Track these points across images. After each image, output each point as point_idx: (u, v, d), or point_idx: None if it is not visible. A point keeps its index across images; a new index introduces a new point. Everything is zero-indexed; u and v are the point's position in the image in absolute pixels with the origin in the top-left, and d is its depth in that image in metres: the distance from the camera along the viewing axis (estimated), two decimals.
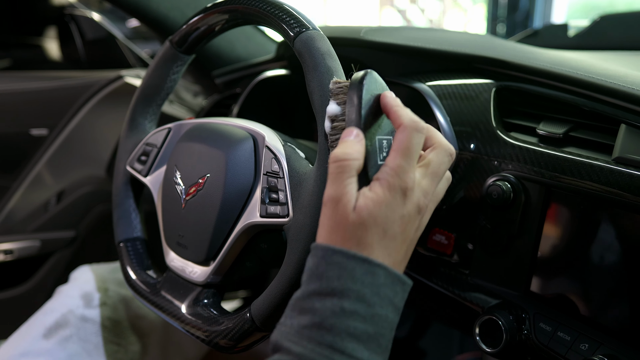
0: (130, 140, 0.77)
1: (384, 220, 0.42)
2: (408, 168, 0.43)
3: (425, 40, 0.79)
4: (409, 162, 0.43)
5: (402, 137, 0.43)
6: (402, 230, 0.43)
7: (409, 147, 0.43)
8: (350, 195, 0.42)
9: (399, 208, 0.42)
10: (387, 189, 0.42)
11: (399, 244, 0.43)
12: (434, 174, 0.46)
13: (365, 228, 0.41)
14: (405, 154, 0.43)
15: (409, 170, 0.43)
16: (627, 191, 0.55)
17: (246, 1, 0.62)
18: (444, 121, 0.70)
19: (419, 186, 0.44)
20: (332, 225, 0.42)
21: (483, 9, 4.20)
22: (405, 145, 0.43)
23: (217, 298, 0.66)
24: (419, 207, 0.44)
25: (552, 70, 0.66)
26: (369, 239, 0.42)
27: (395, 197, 0.42)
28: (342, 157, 0.43)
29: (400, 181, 0.42)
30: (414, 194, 0.43)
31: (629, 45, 1.08)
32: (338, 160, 0.43)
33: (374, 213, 0.41)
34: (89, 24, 1.42)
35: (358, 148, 0.43)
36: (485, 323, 0.62)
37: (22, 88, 1.21)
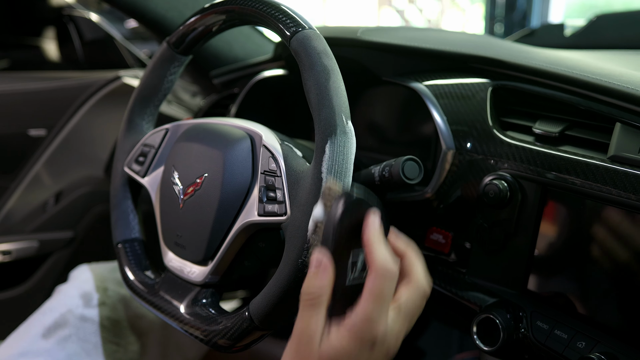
0: (127, 141, 0.77)
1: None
2: (378, 316, 0.41)
3: (422, 40, 0.79)
4: (380, 310, 0.41)
5: (373, 283, 0.41)
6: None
7: (379, 294, 0.41)
8: (314, 333, 0.41)
9: (364, 358, 0.41)
10: (354, 340, 0.40)
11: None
12: (407, 315, 0.44)
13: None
14: (376, 301, 0.41)
15: (379, 318, 0.41)
16: (622, 189, 0.55)
17: (243, 2, 0.62)
18: (440, 120, 0.70)
19: (391, 330, 0.42)
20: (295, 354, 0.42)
21: (481, 8, 4.20)
22: (376, 292, 0.41)
23: (215, 298, 0.66)
24: (388, 352, 0.42)
25: (548, 69, 0.66)
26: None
27: (362, 347, 0.40)
28: (308, 294, 0.42)
29: (369, 332, 0.40)
30: (384, 343, 0.41)
31: (625, 45, 1.09)
32: (305, 295, 0.42)
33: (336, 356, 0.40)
34: (87, 25, 1.42)
35: (323, 282, 0.42)
36: (482, 322, 0.63)
37: (21, 88, 1.21)
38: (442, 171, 0.70)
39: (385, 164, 0.63)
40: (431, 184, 0.70)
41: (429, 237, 0.73)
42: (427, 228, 0.73)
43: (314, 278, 0.42)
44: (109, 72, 1.27)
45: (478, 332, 0.63)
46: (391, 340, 0.42)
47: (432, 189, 0.70)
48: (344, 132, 0.53)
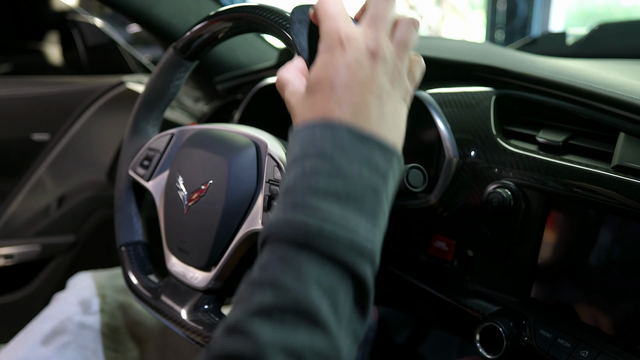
0: (133, 145, 0.77)
1: (327, 75, 0.41)
2: (338, 24, 0.42)
3: (425, 49, 0.79)
4: (335, 20, 0.42)
5: (319, 10, 0.44)
6: (351, 76, 0.40)
7: (327, 10, 0.43)
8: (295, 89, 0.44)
9: (339, 58, 0.41)
10: (323, 52, 0.42)
11: (356, 91, 0.40)
12: (375, 19, 0.43)
13: (314, 94, 0.41)
14: (328, 17, 0.43)
15: (337, 25, 0.42)
16: (626, 199, 0.55)
17: (251, 10, 0.62)
18: (444, 129, 0.70)
19: (362, 33, 0.42)
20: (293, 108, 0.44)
21: (482, 15, 4.22)
22: (323, 12, 0.43)
23: (217, 304, 0.66)
24: (370, 51, 0.41)
25: (551, 78, 0.66)
26: (320, 102, 0.40)
27: (333, 53, 0.41)
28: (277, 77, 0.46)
29: (332, 38, 0.42)
30: (355, 40, 0.41)
31: (628, 54, 1.09)
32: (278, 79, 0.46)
33: (316, 77, 0.41)
34: (90, 30, 1.43)
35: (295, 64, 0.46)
36: (485, 330, 0.63)
37: (24, 93, 1.22)
38: (446, 179, 0.70)
39: None
40: (435, 191, 0.71)
41: (432, 245, 0.73)
42: (430, 235, 0.73)
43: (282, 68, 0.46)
44: (113, 77, 1.28)
45: (481, 340, 0.63)
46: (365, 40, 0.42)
47: (435, 197, 0.71)
48: None
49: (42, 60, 1.55)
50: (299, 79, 0.45)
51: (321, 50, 0.43)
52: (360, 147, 0.38)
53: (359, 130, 0.39)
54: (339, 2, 0.44)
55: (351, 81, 0.40)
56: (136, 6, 1.02)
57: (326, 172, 0.37)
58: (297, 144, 0.40)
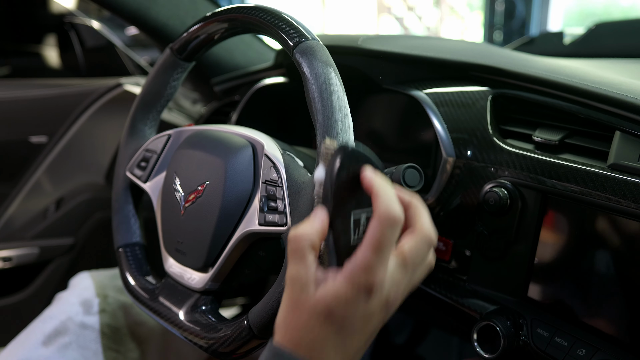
0: (130, 146, 0.77)
1: (342, 317, 0.39)
2: (378, 264, 0.39)
3: (422, 49, 0.79)
4: (380, 258, 0.39)
5: (374, 230, 0.39)
6: (362, 327, 0.40)
7: (380, 241, 0.39)
8: (307, 280, 0.40)
9: (361, 306, 0.39)
10: (351, 286, 0.39)
11: (356, 340, 0.40)
12: (409, 265, 0.41)
13: (321, 320, 0.39)
14: (376, 249, 0.39)
15: (378, 266, 0.39)
16: (622, 197, 0.55)
17: (246, 10, 0.62)
18: (441, 128, 0.70)
19: (391, 279, 0.40)
20: (291, 305, 0.41)
21: (480, 16, 4.23)
22: (377, 239, 0.39)
23: (215, 305, 0.66)
24: (387, 303, 0.41)
25: (547, 78, 0.67)
26: (322, 333, 0.39)
27: (359, 295, 0.39)
28: (294, 236, 0.41)
29: (366, 279, 0.39)
30: (382, 290, 0.40)
31: (624, 53, 1.09)
32: (291, 239, 0.41)
33: (331, 307, 0.39)
34: (88, 32, 1.43)
35: (316, 227, 0.40)
36: (483, 329, 0.63)
37: (22, 95, 1.22)
38: (443, 179, 0.70)
39: (386, 172, 0.63)
40: (432, 191, 0.71)
41: None
42: None
43: (303, 225, 0.41)
44: (110, 80, 1.28)
45: (479, 339, 0.63)
46: (391, 290, 0.40)
47: (432, 197, 0.71)
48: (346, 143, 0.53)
49: (40, 62, 1.55)
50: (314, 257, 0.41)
51: (348, 277, 0.39)
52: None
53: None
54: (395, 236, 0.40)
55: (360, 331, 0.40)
56: (133, 8, 1.02)
57: None
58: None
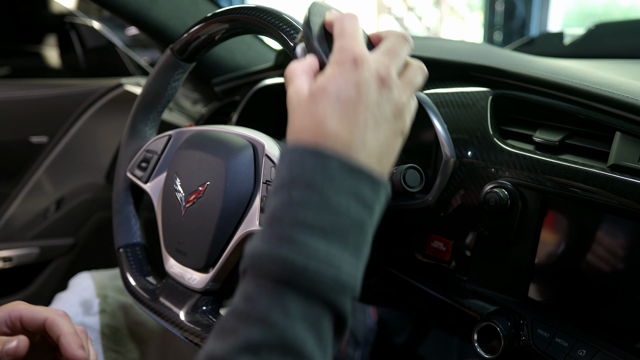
0: (130, 147, 0.77)
1: (335, 87, 0.41)
2: (352, 42, 0.42)
3: (422, 49, 0.80)
4: (352, 39, 0.43)
5: (337, 25, 0.44)
6: (358, 94, 0.41)
7: (345, 28, 0.43)
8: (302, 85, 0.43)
9: (350, 75, 0.41)
10: (335, 64, 0.42)
11: (358, 110, 0.40)
12: (390, 51, 0.44)
13: (316, 100, 0.41)
14: (346, 34, 0.43)
15: (353, 44, 0.42)
16: (622, 198, 0.55)
17: (247, 11, 0.62)
18: (441, 129, 0.71)
19: (375, 59, 0.43)
20: (293, 110, 0.43)
21: (480, 16, 4.23)
22: (341, 28, 0.44)
23: (215, 305, 0.66)
24: (380, 76, 0.42)
25: (548, 78, 0.67)
26: (320, 110, 0.40)
27: (344, 67, 0.41)
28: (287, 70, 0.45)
29: (346, 54, 0.42)
30: (368, 62, 0.42)
31: (624, 54, 1.09)
32: (285, 73, 0.45)
33: (323, 86, 0.41)
34: (89, 32, 1.43)
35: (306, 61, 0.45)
36: (483, 329, 0.63)
37: (22, 96, 1.22)
38: (443, 179, 0.70)
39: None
40: (432, 192, 0.71)
41: (429, 245, 0.73)
42: (427, 236, 0.73)
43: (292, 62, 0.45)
44: (111, 80, 1.28)
45: (479, 340, 0.63)
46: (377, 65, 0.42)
47: (433, 197, 0.71)
48: None
49: (40, 62, 1.55)
50: (308, 77, 0.44)
51: (332, 62, 0.42)
52: (349, 180, 0.39)
53: (350, 161, 0.39)
54: (356, 23, 0.45)
55: (357, 100, 0.40)
56: (134, 9, 1.02)
57: (314, 205, 0.37)
58: (285, 167, 0.40)
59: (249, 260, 0.38)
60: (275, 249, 0.37)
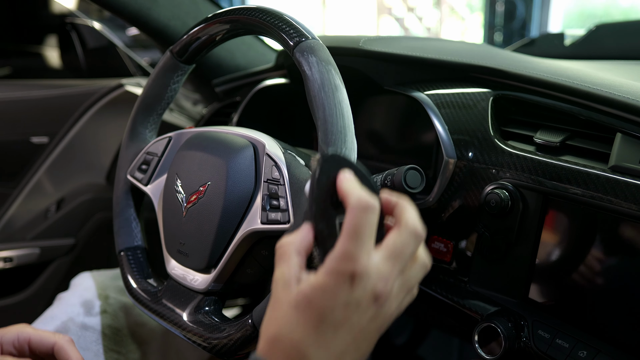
0: (131, 150, 0.77)
1: (321, 306, 0.38)
2: (357, 251, 0.38)
3: (423, 50, 0.80)
4: (358, 245, 0.38)
5: (348, 219, 0.39)
6: (344, 318, 0.38)
7: (356, 228, 0.38)
8: (289, 277, 0.40)
9: (342, 294, 0.38)
10: (329, 274, 0.38)
11: (341, 334, 0.39)
12: (396, 257, 0.40)
13: (300, 311, 0.38)
14: (353, 236, 0.38)
15: (358, 253, 0.38)
16: (623, 199, 0.56)
17: (247, 12, 0.62)
18: (442, 129, 0.71)
19: (377, 271, 0.39)
20: (273, 303, 0.41)
21: (480, 17, 4.23)
22: (351, 226, 0.39)
23: (218, 305, 0.66)
24: (375, 294, 0.39)
25: (548, 79, 0.67)
26: (301, 324, 0.38)
27: (338, 282, 0.38)
28: (280, 244, 0.42)
29: (346, 266, 0.38)
30: (368, 280, 0.39)
31: (625, 55, 1.10)
32: (277, 247, 0.42)
33: (310, 297, 0.38)
34: (89, 33, 1.43)
35: (301, 234, 0.41)
36: (484, 330, 0.63)
37: (23, 96, 1.22)
38: (444, 180, 0.70)
39: (387, 173, 0.63)
40: (433, 192, 0.71)
41: (430, 246, 0.73)
42: (428, 236, 0.73)
43: (290, 235, 0.42)
44: (112, 80, 1.28)
45: (480, 340, 0.63)
46: (379, 283, 0.39)
47: (433, 198, 0.71)
48: (346, 143, 0.53)
49: (41, 63, 1.55)
50: (300, 260, 0.41)
51: (328, 269, 0.39)
52: None
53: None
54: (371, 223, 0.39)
55: (341, 324, 0.39)
56: (134, 9, 1.02)
57: None
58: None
59: None
60: None
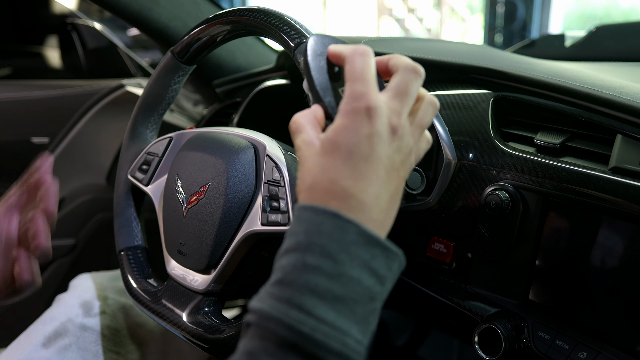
0: (131, 150, 0.77)
1: (347, 142, 0.40)
2: (365, 89, 0.41)
3: (424, 51, 0.80)
4: (365, 84, 0.41)
5: (349, 67, 0.42)
6: (371, 148, 0.40)
7: (357, 70, 0.41)
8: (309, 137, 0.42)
9: (363, 128, 0.40)
10: (347, 114, 0.40)
11: (371, 165, 0.40)
12: (402, 94, 0.43)
13: (328, 154, 0.40)
14: (358, 78, 0.41)
15: (367, 91, 0.41)
16: (623, 200, 0.56)
17: (248, 13, 0.62)
18: (442, 131, 0.71)
19: (388, 106, 0.42)
20: (302, 164, 0.42)
21: (481, 18, 4.23)
22: (353, 71, 0.41)
23: (218, 306, 0.67)
24: (392, 126, 0.41)
25: (549, 81, 0.67)
26: (333, 166, 0.40)
27: (356, 118, 0.40)
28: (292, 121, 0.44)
29: (359, 103, 0.40)
30: (382, 112, 0.41)
31: (625, 56, 1.10)
32: (290, 124, 0.44)
33: (334, 139, 0.40)
34: (90, 33, 1.43)
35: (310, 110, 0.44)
36: (484, 332, 0.63)
37: (24, 96, 1.22)
38: (444, 181, 0.70)
39: None
40: (433, 193, 0.71)
41: (430, 247, 0.73)
42: (428, 238, 0.73)
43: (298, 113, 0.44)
44: (112, 81, 1.28)
45: (480, 342, 0.63)
46: (390, 114, 0.41)
47: (433, 199, 0.71)
48: None
49: (41, 63, 1.56)
50: (315, 128, 0.43)
51: (344, 111, 0.41)
52: (364, 251, 0.38)
53: (367, 231, 0.39)
54: (369, 61, 0.43)
55: (370, 155, 0.40)
56: (135, 10, 1.02)
57: (327, 273, 0.37)
58: (302, 228, 0.39)
59: (255, 317, 0.38)
60: (283, 312, 0.36)
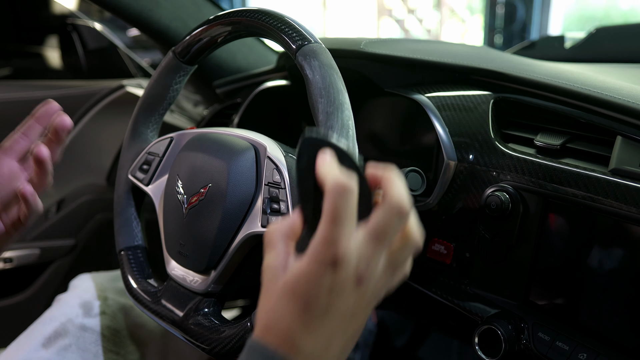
0: (132, 149, 0.77)
1: (306, 292, 0.38)
2: (337, 235, 0.38)
3: (424, 52, 0.80)
4: (338, 228, 0.38)
5: (327, 204, 0.38)
6: (330, 303, 0.38)
7: (334, 212, 0.38)
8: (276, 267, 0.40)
9: (325, 280, 0.38)
10: (312, 261, 0.38)
11: (328, 319, 0.39)
12: (378, 238, 0.39)
13: (286, 299, 0.39)
14: (333, 221, 0.38)
15: (338, 237, 0.38)
16: (623, 202, 0.56)
17: (249, 14, 0.63)
18: (442, 132, 0.71)
19: (359, 252, 0.39)
20: (264, 292, 0.41)
21: (480, 19, 4.24)
22: (331, 211, 0.38)
23: (217, 307, 0.66)
24: (358, 276, 0.39)
25: (549, 82, 0.67)
26: (288, 312, 0.38)
27: (321, 269, 0.38)
28: (267, 232, 0.42)
29: (327, 251, 0.38)
30: (349, 263, 0.38)
31: (625, 58, 1.10)
32: (265, 235, 0.42)
33: (294, 284, 0.38)
34: (90, 33, 1.43)
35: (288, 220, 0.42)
36: (484, 332, 0.63)
37: (24, 97, 1.22)
38: (444, 182, 0.70)
39: None
40: (433, 195, 0.71)
41: (430, 248, 0.73)
42: (429, 239, 0.73)
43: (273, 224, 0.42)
44: (112, 81, 1.28)
45: (480, 343, 0.63)
46: (361, 264, 0.39)
47: (434, 200, 0.71)
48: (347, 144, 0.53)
49: (41, 64, 1.55)
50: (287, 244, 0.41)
51: (310, 255, 0.38)
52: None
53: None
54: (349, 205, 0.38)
55: (327, 310, 0.39)
56: (136, 10, 1.02)
57: None
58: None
59: None
60: None
